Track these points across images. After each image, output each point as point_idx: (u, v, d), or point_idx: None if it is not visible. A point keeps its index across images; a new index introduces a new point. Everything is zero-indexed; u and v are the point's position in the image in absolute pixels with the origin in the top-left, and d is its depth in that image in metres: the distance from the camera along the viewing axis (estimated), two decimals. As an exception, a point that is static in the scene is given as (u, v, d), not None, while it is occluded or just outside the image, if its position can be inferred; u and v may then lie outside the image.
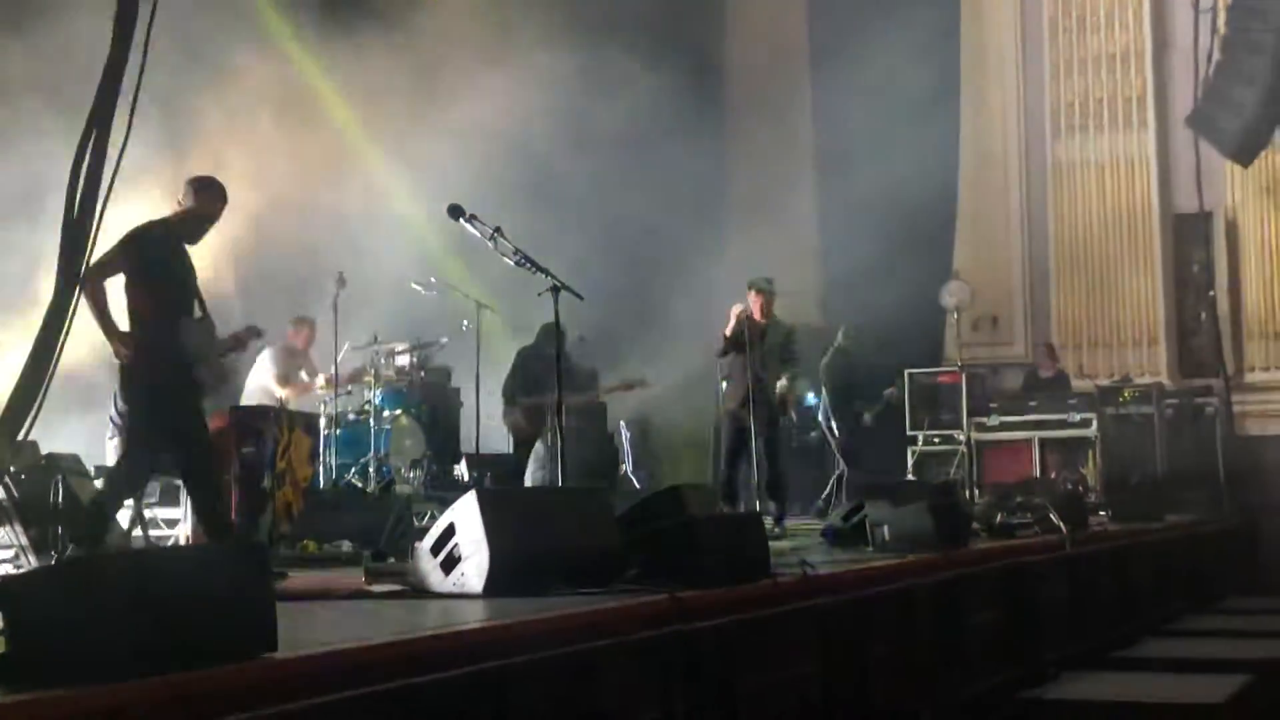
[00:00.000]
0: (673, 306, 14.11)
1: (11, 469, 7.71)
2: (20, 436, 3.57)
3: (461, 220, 7.59)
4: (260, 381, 11.49)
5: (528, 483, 10.97)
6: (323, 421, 11.10)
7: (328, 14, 12.74)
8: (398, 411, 11.81)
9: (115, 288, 7.36)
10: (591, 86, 13.04)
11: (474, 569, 5.21)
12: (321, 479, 10.65)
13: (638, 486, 13.62)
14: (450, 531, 5.33)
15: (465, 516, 5.28)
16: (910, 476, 14.27)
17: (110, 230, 3.45)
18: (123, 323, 7.32)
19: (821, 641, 5.70)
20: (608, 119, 13.26)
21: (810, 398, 14.73)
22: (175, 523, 9.74)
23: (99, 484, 8.36)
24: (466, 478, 11.74)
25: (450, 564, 5.30)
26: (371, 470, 11.32)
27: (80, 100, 3.75)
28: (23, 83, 10.22)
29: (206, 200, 7.45)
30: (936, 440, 14.94)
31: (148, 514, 9.77)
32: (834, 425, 14.19)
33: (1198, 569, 11.55)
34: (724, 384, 11.78)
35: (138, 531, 9.48)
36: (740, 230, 16.22)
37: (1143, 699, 6.53)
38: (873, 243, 14.36)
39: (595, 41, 13.07)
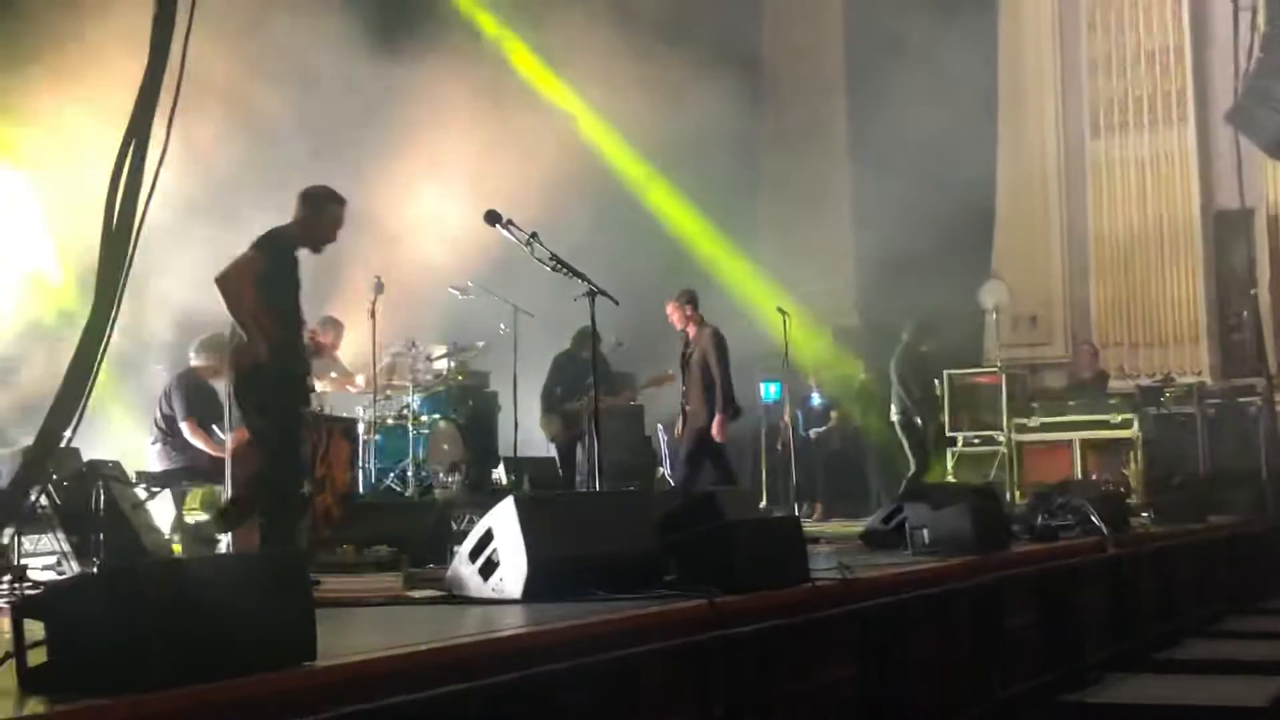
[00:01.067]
0: (709, 309, 14.08)
1: (53, 476, 7.76)
2: (62, 443, 3.58)
3: (498, 226, 7.60)
4: None
5: None
6: (361, 426, 11.13)
7: (392, 20, 12.83)
8: (436, 416, 11.84)
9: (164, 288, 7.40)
10: (632, 91, 13.06)
11: (512, 574, 5.21)
12: (360, 484, 10.68)
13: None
14: (488, 537, 5.33)
15: (503, 522, 5.28)
16: (950, 478, 14.20)
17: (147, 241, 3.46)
18: None
19: (861, 645, 5.68)
20: (646, 122, 13.28)
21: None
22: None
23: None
24: (505, 482, 11.76)
25: (488, 569, 5.30)
26: (410, 475, 11.35)
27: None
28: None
29: (330, 212, 7.52)
30: (976, 441, 14.88)
31: (188, 519, 9.83)
32: (916, 421, 13.98)
33: (1241, 570, 11.44)
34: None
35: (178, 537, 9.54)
36: (776, 232, 16.20)
37: (1185, 701, 6.48)
38: (910, 243, 14.32)
39: (634, 46, 13.08)
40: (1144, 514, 11.38)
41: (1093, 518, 8.80)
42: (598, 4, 13.44)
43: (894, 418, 13.97)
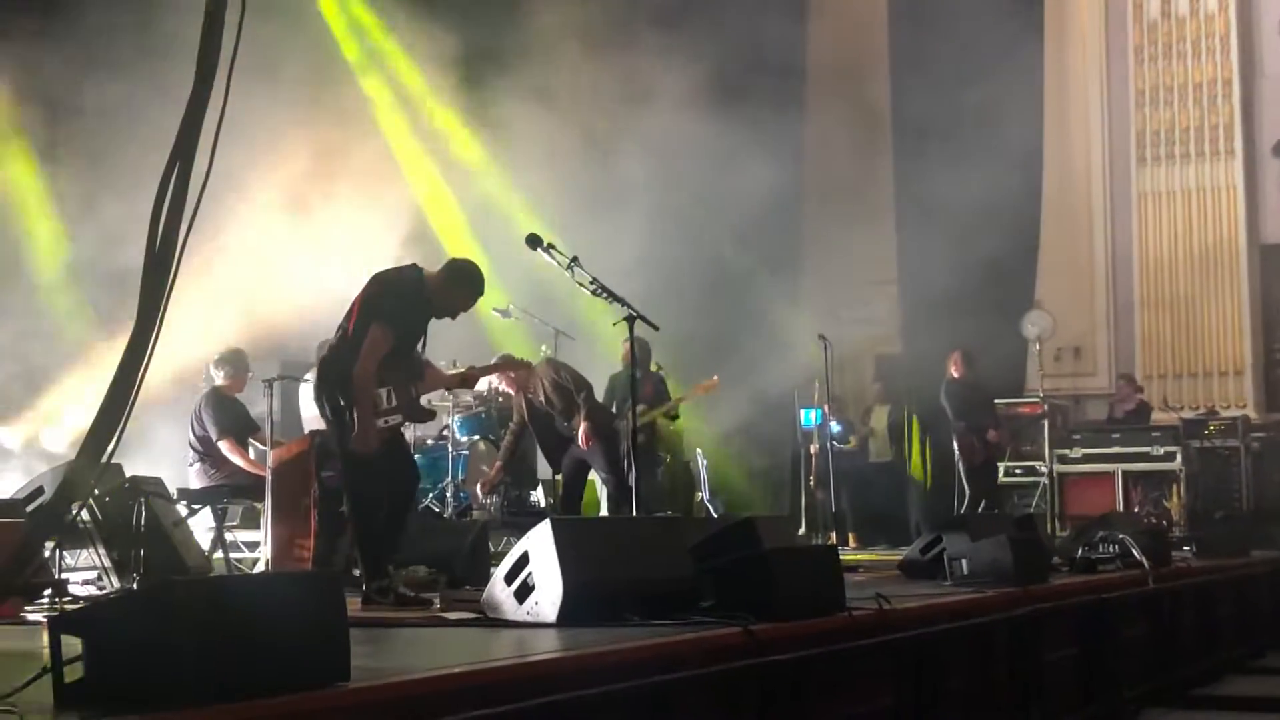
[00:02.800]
0: (750, 334, 14.05)
1: (95, 491, 7.81)
2: (103, 459, 3.60)
3: (539, 249, 7.60)
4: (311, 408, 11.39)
5: None
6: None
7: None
8: (475, 437, 11.86)
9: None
10: (670, 109, 13.07)
11: (547, 598, 5.21)
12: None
13: (714, 514, 13.59)
14: (524, 560, 5.33)
15: (539, 545, 5.28)
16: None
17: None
18: None
19: (897, 676, 5.64)
20: (684, 142, 13.28)
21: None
22: (255, 545, 9.84)
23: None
24: (543, 504, 11.77)
25: (524, 593, 5.30)
26: (449, 495, 11.37)
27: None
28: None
29: (464, 291, 7.29)
30: (1018, 472, 14.79)
31: (228, 537, 9.88)
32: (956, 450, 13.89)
33: (1284, 606, 11.32)
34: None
35: (218, 554, 9.59)
36: (817, 259, 16.17)
37: (1225, 739, 6.42)
38: (953, 272, 14.26)
39: (676, 63, 13.10)
40: (1186, 548, 11.27)
41: (1134, 551, 8.72)
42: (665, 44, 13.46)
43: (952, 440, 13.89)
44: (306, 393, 11.37)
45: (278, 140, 10.98)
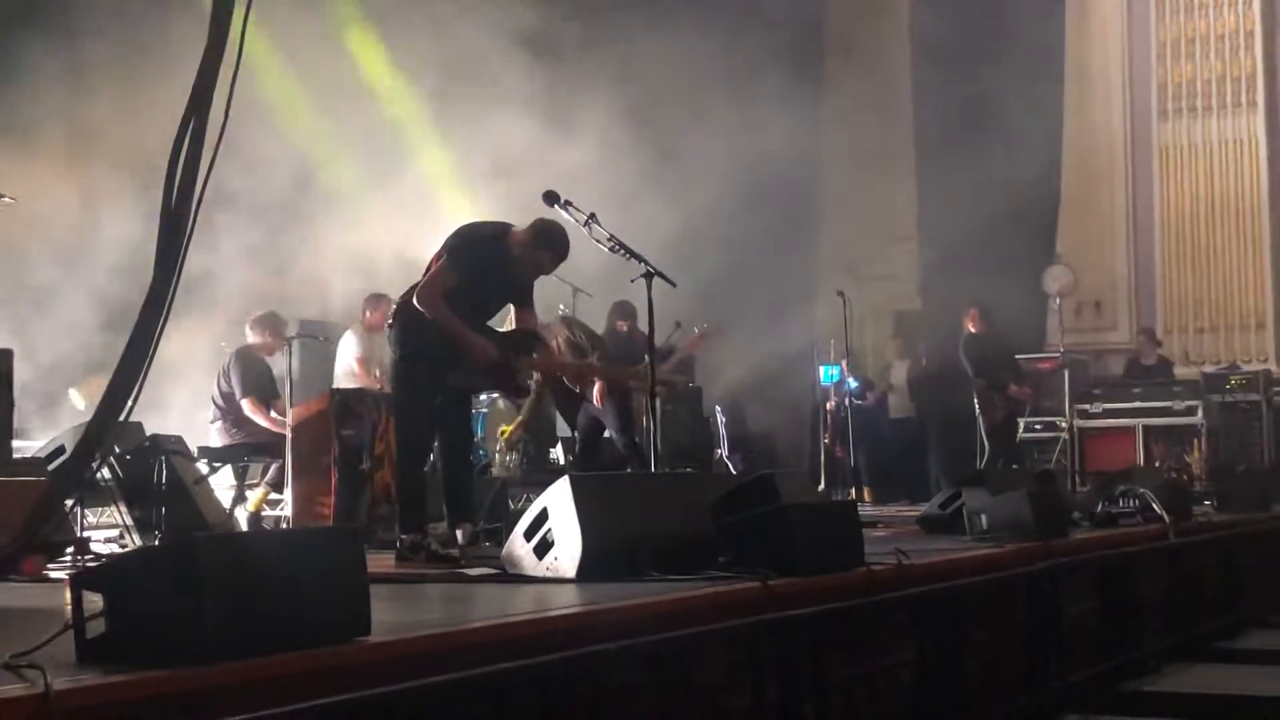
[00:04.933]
0: (769, 291, 14.01)
1: (116, 450, 7.85)
2: (121, 416, 3.61)
3: (556, 206, 7.56)
4: (346, 364, 11.37)
5: None
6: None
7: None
8: (494, 395, 11.85)
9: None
10: (690, 65, 13.00)
11: (567, 554, 5.23)
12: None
13: (733, 471, 13.60)
14: (544, 516, 5.35)
15: (558, 501, 5.30)
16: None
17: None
18: None
19: (917, 631, 5.65)
20: (702, 98, 13.22)
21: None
22: (278, 503, 9.88)
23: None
24: (562, 461, 11.78)
25: (543, 549, 5.32)
26: (467, 453, 11.36)
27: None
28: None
29: (546, 252, 7.12)
30: (1038, 427, 14.76)
31: (250, 495, 9.93)
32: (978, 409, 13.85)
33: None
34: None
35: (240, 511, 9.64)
36: (837, 213, 16.11)
37: (1245, 691, 6.42)
38: (973, 226, 14.20)
39: (691, 23, 13.03)
40: (1207, 502, 11.25)
41: (1154, 505, 8.71)
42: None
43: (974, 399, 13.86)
44: (344, 348, 11.39)
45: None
